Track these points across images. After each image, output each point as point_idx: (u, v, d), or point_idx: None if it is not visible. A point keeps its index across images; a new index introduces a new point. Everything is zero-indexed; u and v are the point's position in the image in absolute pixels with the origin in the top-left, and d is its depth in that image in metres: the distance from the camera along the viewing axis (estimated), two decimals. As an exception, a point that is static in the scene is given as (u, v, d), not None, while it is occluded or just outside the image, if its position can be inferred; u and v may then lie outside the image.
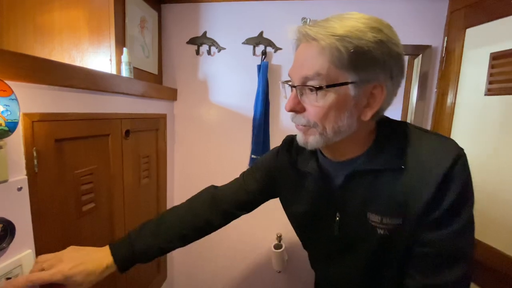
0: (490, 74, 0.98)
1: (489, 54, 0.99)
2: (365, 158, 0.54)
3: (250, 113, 1.34)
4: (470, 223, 0.49)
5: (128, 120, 0.97)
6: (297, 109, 0.51)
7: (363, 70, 0.46)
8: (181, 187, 1.48)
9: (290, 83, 0.54)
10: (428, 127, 1.26)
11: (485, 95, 1.00)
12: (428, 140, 0.53)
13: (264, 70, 1.27)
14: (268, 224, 1.41)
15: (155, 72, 1.30)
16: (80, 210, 0.78)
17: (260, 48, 1.31)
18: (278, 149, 0.73)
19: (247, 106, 1.35)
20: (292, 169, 0.66)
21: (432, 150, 0.51)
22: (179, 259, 1.53)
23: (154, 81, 1.31)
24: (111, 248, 0.62)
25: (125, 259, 0.62)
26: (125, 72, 0.97)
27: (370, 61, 0.45)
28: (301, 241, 0.74)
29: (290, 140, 0.70)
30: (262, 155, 1.31)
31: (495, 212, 0.93)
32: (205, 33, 1.34)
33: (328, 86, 0.47)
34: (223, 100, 1.39)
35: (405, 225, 0.51)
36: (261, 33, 1.30)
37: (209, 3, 1.32)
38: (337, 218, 0.59)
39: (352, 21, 0.46)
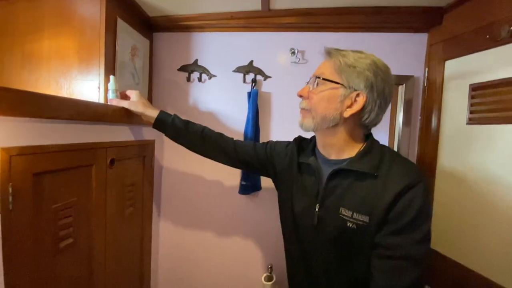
0: (471, 104, 1.02)
1: (468, 85, 1.03)
2: (350, 161, 0.69)
3: (240, 139, 1.34)
4: (427, 235, 0.61)
5: (114, 149, 0.95)
6: (304, 94, 0.73)
7: (352, 79, 0.66)
8: (167, 216, 1.42)
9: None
10: (415, 152, 1.29)
11: (467, 124, 1.04)
12: (399, 161, 0.68)
13: (254, 97, 1.28)
14: (259, 255, 1.36)
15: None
16: (56, 247, 0.73)
17: (250, 76, 1.34)
18: (289, 142, 0.92)
19: (237, 132, 1.35)
20: (295, 160, 0.82)
21: (400, 168, 0.65)
22: (165, 292, 1.44)
23: (144, 107, 1.30)
24: (160, 112, 0.98)
25: (162, 120, 0.97)
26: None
27: (359, 74, 0.65)
28: (283, 225, 0.87)
29: (299, 139, 0.90)
30: (252, 181, 1.30)
31: (464, 229, 0.93)
32: (196, 61, 1.37)
33: (324, 79, 0.68)
34: (213, 126, 1.37)
35: (370, 223, 0.64)
36: (251, 62, 1.33)
37: (200, 32, 1.36)
38: (316, 209, 0.72)
39: (357, 52, 0.70)
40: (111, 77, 0.97)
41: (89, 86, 0.99)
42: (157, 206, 1.38)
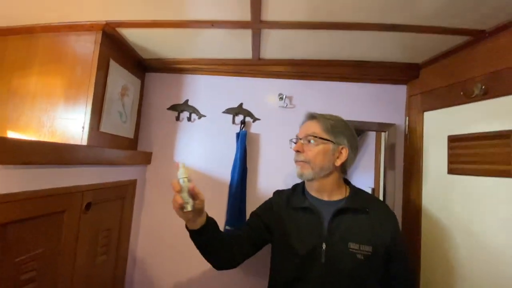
0: (450, 155, 1.06)
1: (447, 136, 1.08)
2: (347, 201, 0.86)
3: (227, 181, 1.31)
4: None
5: (91, 192, 0.90)
6: (300, 150, 0.88)
7: (337, 137, 0.87)
8: (143, 263, 1.31)
9: (296, 139, 0.93)
10: (400, 195, 1.30)
11: (448, 173, 1.06)
12: (374, 198, 0.99)
13: (242, 138, 1.29)
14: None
15: (131, 136, 1.28)
16: (12, 307, 0.64)
17: (240, 117, 1.36)
18: (270, 198, 1.00)
19: (223, 173, 1.33)
20: (286, 207, 0.91)
21: (380, 204, 0.92)
22: None
23: (129, 145, 1.27)
24: (207, 217, 0.81)
25: (205, 226, 0.79)
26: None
27: (341, 133, 0.87)
28: (283, 274, 0.86)
29: (279, 190, 1.01)
30: (237, 226, 1.24)
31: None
32: (187, 101, 1.39)
33: (319, 137, 0.86)
34: (199, 166, 1.36)
35: (375, 252, 0.78)
36: (241, 104, 1.36)
37: (192, 75, 1.40)
38: (323, 248, 0.80)
39: (334, 116, 0.92)
40: (180, 164, 0.72)
41: (73, 125, 0.96)
42: (133, 252, 1.28)
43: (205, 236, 0.79)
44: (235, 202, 1.25)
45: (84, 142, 0.94)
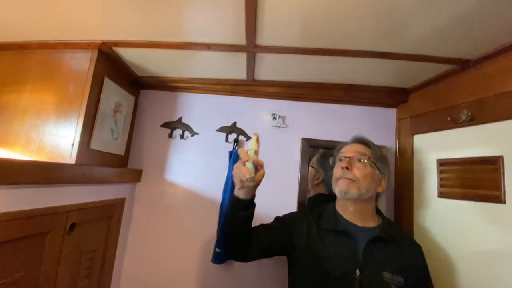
0: (440, 179, 1.07)
1: (436, 160, 1.10)
2: (381, 229, 0.86)
3: (218, 200, 1.29)
4: None
5: (77, 212, 0.87)
6: (349, 167, 0.88)
7: (382, 166, 0.92)
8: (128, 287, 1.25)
9: (342, 156, 0.94)
10: (393, 217, 1.29)
11: (438, 197, 1.07)
12: (400, 228, 1.01)
13: (235, 157, 1.28)
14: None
15: (122, 153, 1.26)
16: None
17: (233, 136, 1.37)
18: (301, 211, 1.01)
19: (215, 192, 1.31)
20: (316, 226, 0.89)
21: (406, 235, 0.94)
22: None
23: (119, 162, 1.25)
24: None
25: (253, 200, 0.80)
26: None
27: (385, 164, 0.93)
28: None
29: (310, 206, 1.03)
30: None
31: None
32: (180, 118, 1.39)
33: (372, 161, 0.89)
34: (191, 184, 1.34)
35: (407, 283, 0.78)
36: (235, 123, 1.37)
37: (187, 93, 1.41)
38: (357, 275, 0.78)
39: (378, 146, 0.98)
40: (255, 136, 0.79)
41: (62, 142, 0.94)
42: (117, 276, 1.22)
43: (248, 211, 0.79)
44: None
45: (73, 159, 0.92)
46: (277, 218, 0.96)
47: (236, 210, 0.79)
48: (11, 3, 0.80)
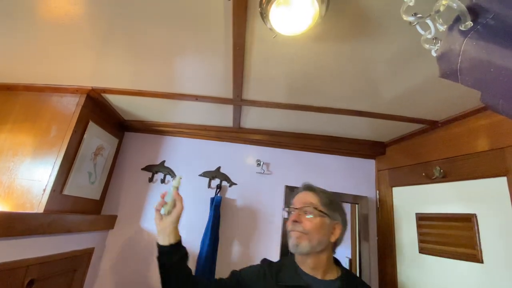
0: (420, 234, 1.08)
1: (415, 214, 1.12)
2: (342, 282, 0.82)
3: (196, 249, 1.22)
4: None
5: (38, 266, 0.79)
6: (298, 220, 0.84)
7: (333, 212, 0.85)
8: None
9: (292, 208, 0.89)
10: (376, 267, 1.27)
11: (419, 252, 1.07)
12: (365, 283, 0.90)
13: (217, 204, 1.25)
14: None
15: (97, 198, 1.20)
16: None
17: (216, 181, 1.35)
18: (260, 265, 0.91)
19: (194, 240, 1.24)
20: (275, 282, 0.82)
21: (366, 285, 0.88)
22: None
23: (93, 208, 1.18)
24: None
25: (178, 244, 0.79)
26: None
27: (336, 209, 0.87)
28: None
29: (270, 261, 0.93)
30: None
31: None
32: (163, 162, 1.37)
33: (319, 211, 0.84)
34: (168, 232, 1.27)
35: None
36: (219, 168, 1.37)
37: (172, 137, 1.42)
38: None
39: (328, 191, 0.92)
40: (179, 176, 0.87)
41: (33, 187, 0.90)
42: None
43: (175, 256, 0.76)
44: (204, 274, 1.14)
45: (42, 207, 0.86)
46: (233, 274, 0.89)
47: (165, 259, 0.76)
48: (2, 47, 0.82)
